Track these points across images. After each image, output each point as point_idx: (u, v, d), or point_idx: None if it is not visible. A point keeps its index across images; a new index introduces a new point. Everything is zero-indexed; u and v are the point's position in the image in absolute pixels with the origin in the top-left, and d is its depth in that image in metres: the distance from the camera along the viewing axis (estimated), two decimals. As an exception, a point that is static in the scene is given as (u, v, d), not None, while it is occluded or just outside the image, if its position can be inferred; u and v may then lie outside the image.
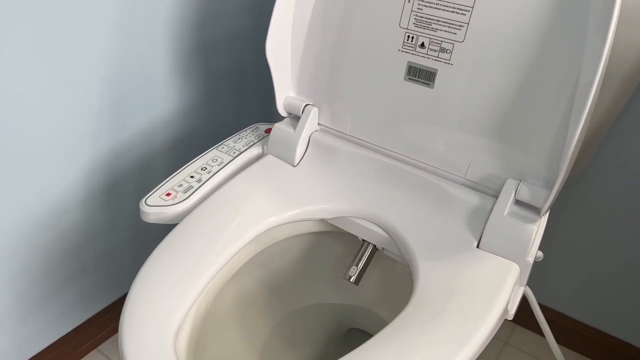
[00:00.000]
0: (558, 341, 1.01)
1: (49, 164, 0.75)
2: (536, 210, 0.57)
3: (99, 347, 0.98)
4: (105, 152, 0.82)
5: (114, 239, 0.91)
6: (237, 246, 0.60)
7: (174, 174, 0.69)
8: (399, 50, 0.62)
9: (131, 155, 0.87)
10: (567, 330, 0.98)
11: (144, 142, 0.88)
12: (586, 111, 0.49)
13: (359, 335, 0.83)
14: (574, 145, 0.50)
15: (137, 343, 0.48)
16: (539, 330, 1.03)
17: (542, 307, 1.00)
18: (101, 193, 0.85)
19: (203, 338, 0.61)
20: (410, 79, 0.62)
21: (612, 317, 0.93)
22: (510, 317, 0.56)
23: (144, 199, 0.65)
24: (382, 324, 0.76)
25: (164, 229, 1.02)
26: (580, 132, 0.50)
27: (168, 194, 0.66)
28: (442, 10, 0.58)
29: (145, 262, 0.56)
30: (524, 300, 0.97)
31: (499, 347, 1.01)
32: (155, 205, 0.64)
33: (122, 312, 0.52)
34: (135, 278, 0.55)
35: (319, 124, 0.72)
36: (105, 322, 0.97)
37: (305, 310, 0.78)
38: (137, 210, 0.93)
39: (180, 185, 0.67)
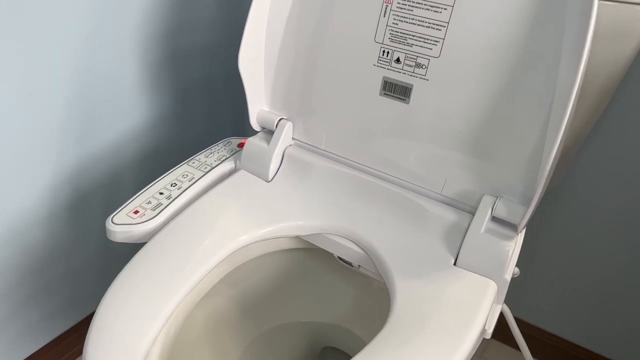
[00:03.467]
0: (534, 355, 1.01)
1: (11, 178, 0.71)
2: (513, 227, 0.57)
3: (63, 370, 0.94)
4: (70, 166, 0.79)
5: (80, 257, 0.88)
6: (209, 266, 0.57)
7: (143, 191, 0.67)
8: (374, 65, 0.61)
9: (98, 170, 0.84)
10: (542, 343, 0.99)
11: (111, 156, 0.85)
12: (562, 128, 0.49)
13: (334, 354, 0.81)
14: (550, 162, 0.50)
15: (101, 371, 0.46)
16: (513, 344, 1.03)
17: (517, 320, 1.00)
18: (66, 209, 0.82)
19: (173, 362, 0.59)
20: (386, 94, 0.62)
21: (586, 330, 0.94)
22: (488, 336, 0.55)
23: (111, 217, 0.63)
24: (357, 341, 0.74)
25: (132, 247, 0.99)
26: (557, 149, 0.50)
27: (136, 212, 0.63)
28: (418, 25, 0.57)
29: (112, 284, 0.54)
30: (499, 314, 0.97)
31: (474, 361, 1.01)
32: (123, 224, 0.62)
33: (86, 337, 0.49)
34: (101, 300, 0.52)
35: (293, 138, 0.71)
36: (70, 344, 0.93)
37: (279, 329, 0.76)
38: (104, 227, 0.89)
39: (149, 203, 0.65)
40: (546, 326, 0.98)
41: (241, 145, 0.76)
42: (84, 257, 0.89)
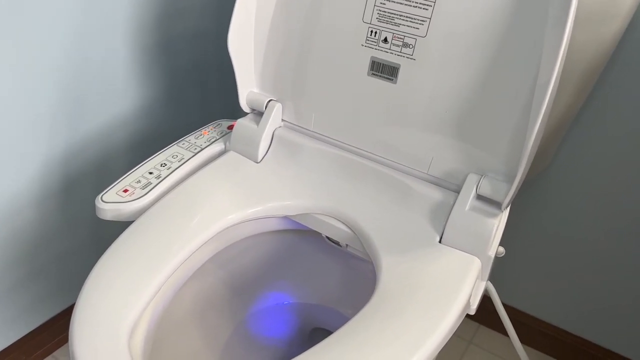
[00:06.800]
0: (522, 341, 1.02)
1: (1, 162, 0.72)
2: (497, 205, 0.58)
3: (54, 353, 0.94)
4: (61, 151, 0.79)
5: (71, 241, 0.88)
6: (196, 244, 0.58)
7: (132, 170, 0.67)
8: (363, 45, 0.62)
9: (89, 154, 0.84)
10: (531, 329, 0.99)
11: (102, 141, 0.85)
12: (544, 107, 0.49)
13: (323, 335, 0.82)
14: (532, 140, 0.51)
15: (88, 343, 0.46)
16: (503, 330, 1.04)
17: (506, 306, 1.01)
18: (57, 192, 0.82)
19: (161, 338, 0.59)
20: (374, 74, 0.62)
21: (575, 316, 0.94)
22: (472, 312, 0.56)
23: (100, 195, 0.63)
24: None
25: (123, 229, 0.99)
26: (539, 128, 0.50)
27: (125, 190, 0.64)
28: (405, 5, 0.58)
29: (99, 260, 0.54)
30: (487, 300, 0.98)
31: (464, 347, 1.02)
32: (112, 202, 0.62)
33: (73, 312, 0.50)
34: (88, 276, 0.53)
35: (282, 120, 0.72)
36: (62, 327, 0.93)
37: (267, 310, 0.76)
38: (95, 211, 0.90)
39: (139, 182, 0.65)
40: (533, 311, 0.99)
41: (231, 128, 0.77)
42: (75, 241, 0.89)
